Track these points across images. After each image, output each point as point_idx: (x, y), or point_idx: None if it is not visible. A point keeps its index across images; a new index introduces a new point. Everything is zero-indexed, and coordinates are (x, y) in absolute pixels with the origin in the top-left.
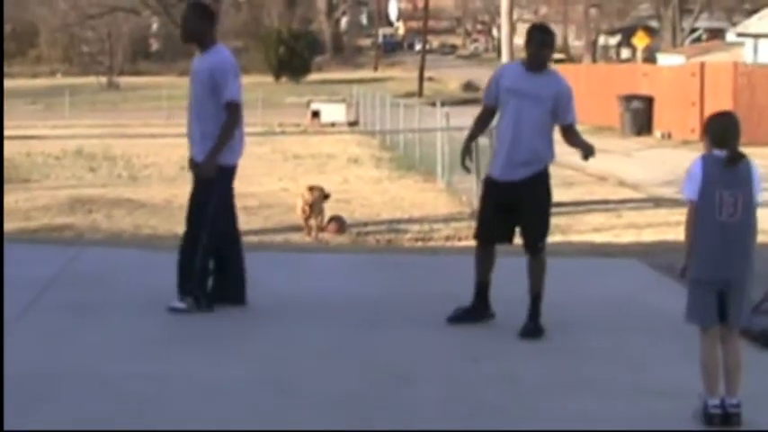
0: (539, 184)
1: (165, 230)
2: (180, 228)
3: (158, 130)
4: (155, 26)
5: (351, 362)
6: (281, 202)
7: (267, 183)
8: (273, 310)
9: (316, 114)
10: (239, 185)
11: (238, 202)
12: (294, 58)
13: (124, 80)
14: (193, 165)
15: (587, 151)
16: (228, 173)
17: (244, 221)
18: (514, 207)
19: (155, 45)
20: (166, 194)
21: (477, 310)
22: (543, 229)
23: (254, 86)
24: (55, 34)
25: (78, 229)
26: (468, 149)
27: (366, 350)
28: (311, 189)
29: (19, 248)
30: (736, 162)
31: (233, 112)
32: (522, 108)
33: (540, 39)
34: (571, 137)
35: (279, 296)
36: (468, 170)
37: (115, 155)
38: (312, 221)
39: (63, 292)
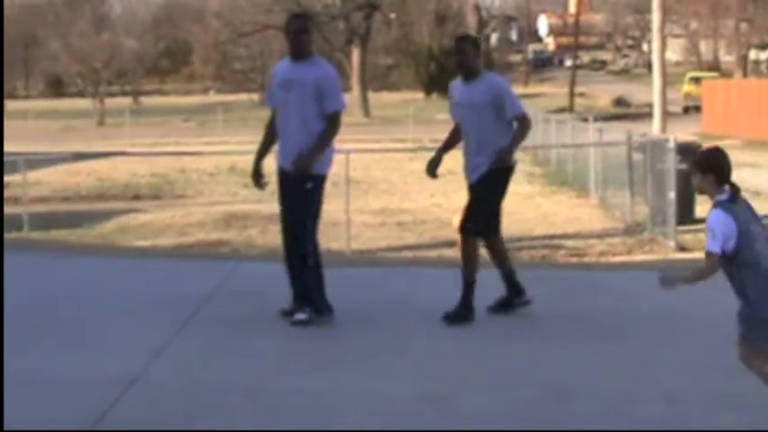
0: (488, 180)
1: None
2: (334, 243)
3: None
4: None
5: (507, 376)
6: (434, 218)
7: (420, 198)
8: (428, 325)
9: None
10: (394, 201)
11: (393, 219)
12: (445, 74)
13: None
14: (283, 174)
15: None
16: (322, 181)
17: (398, 237)
18: None
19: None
20: None
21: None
22: (473, 212)
23: (405, 103)
24: (208, 52)
25: (233, 245)
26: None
27: (522, 365)
28: None
29: (176, 264)
30: (739, 195)
31: (335, 122)
32: (465, 116)
33: (454, 49)
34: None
35: (434, 311)
36: (434, 176)
37: (268, 171)
38: None
39: (221, 307)
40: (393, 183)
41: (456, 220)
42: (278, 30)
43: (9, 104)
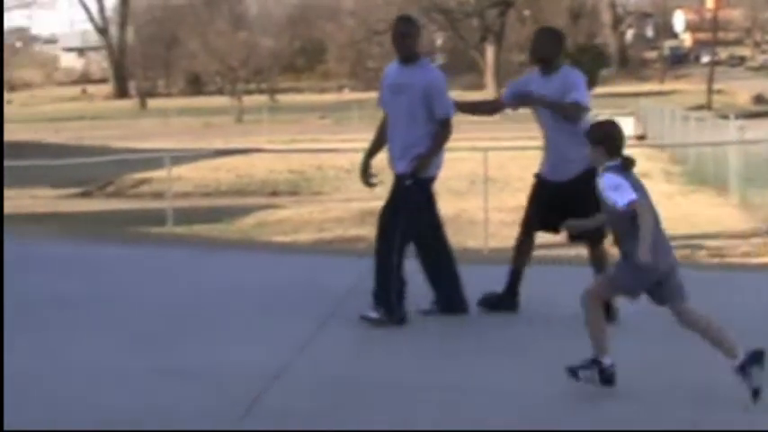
0: (585, 179)
1: (455, 243)
2: (471, 241)
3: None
4: (439, 41)
5: (658, 377)
6: None
7: None
8: (568, 324)
9: None
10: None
11: None
12: (580, 71)
13: None
14: (396, 177)
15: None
16: (426, 184)
17: (536, 235)
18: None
19: (438, 60)
20: (456, 208)
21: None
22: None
23: None
24: (342, 50)
25: (370, 241)
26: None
27: (669, 365)
28: None
29: (316, 260)
30: (633, 166)
31: (447, 127)
32: (542, 111)
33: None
34: None
35: (574, 309)
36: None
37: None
38: None
39: (361, 303)
40: (528, 180)
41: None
42: None
43: (151, 102)
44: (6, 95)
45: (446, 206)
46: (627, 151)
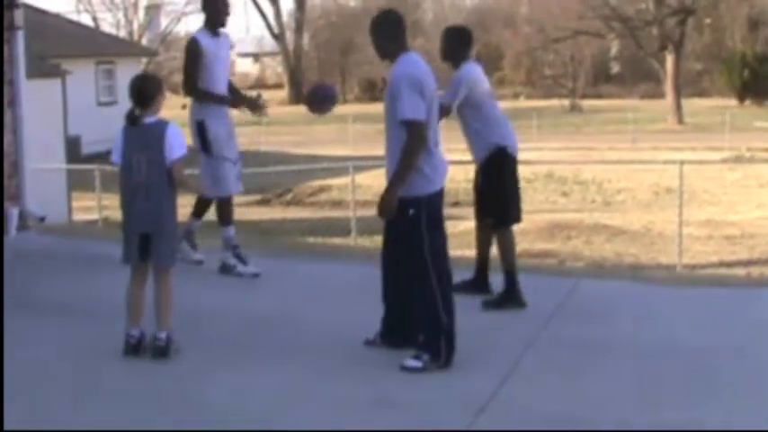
0: None
1: (648, 259)
2: (663, 257)
3: (625, 154)
4: (614, 49)
5: None
6: (763, 232)
7: (745, 211)
8: None
9: None
10: (718, 213)
11: (719, 231)
12: (759, 80)
13: (586, 103)
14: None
15: None
16: (426, 203)
17: (729, 251)
18: None
19: (615, 68)
20: (643, 221)
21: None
22: None
23: (719, 110)
24: (519, 57)
25: (559, 256)
26: None
27: None
28: None
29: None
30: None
31: (411, 133)
32: None
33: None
34: None
35: None
36: None
37: (586, 179)
38: None
39: (565, 326)
40: (714, 193)
41: None
42: (590, 36)
43: None
44: (182, 100)
45: (634, 219)
46: None
